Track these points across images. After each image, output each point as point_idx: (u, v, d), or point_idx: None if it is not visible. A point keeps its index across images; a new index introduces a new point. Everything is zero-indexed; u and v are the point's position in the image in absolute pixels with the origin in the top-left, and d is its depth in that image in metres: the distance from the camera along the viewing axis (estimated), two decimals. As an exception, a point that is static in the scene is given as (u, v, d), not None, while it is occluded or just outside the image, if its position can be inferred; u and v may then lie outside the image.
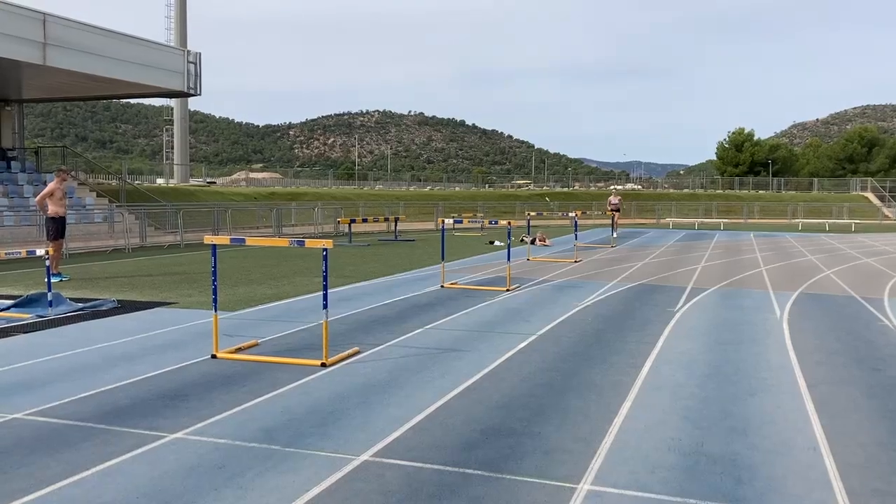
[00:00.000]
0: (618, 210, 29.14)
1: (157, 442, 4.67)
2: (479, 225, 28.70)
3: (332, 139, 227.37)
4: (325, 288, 6.82)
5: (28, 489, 3.92)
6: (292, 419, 5.14)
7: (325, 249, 6.68)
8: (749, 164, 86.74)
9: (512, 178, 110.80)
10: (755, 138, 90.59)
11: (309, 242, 7.06)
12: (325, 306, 6.84)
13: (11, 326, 8.59)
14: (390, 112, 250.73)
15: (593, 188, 73.43)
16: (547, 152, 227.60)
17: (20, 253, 11.71)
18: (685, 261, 17.60)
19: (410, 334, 8.17)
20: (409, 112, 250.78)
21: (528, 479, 4.09)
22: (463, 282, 12.85)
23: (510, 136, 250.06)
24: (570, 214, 20.37)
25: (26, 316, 9.17)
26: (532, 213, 23.68)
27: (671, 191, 74.46)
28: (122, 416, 5.20)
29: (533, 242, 21.52)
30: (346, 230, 25.59)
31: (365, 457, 4.42)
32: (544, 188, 76.68)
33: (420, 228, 32.52)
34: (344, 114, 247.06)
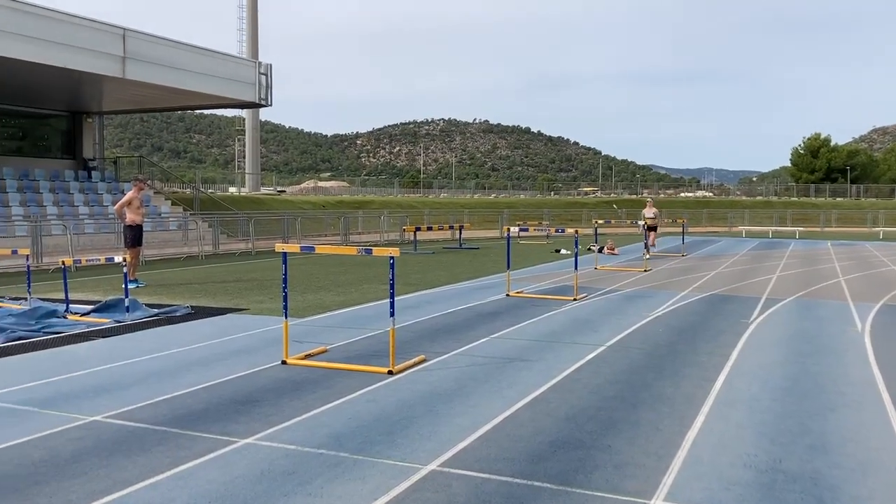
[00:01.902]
0: (654, 228, 22.89)
1: (229, 447, 4.75)
2: (544, 233, 28.45)
3: (397, 148, 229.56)
4: (392, 296, 6.84)
5: (107, 490, 4.03)
6: (360, 426, 5.16)
7: (392, 258, 6.71)
8: (826, 170, 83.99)
9: (578, 186, 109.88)
10: (832, 144, 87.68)
11: (376, 251, 7.11)
12: (392, 314, 6.86)
13: (91, 331, 8.90)
14: (455, 120, 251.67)
15: (663, 195, 72.17)
16: (614, 159, 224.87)
17: (99, 260, 12.14)
18: (759, 270, 17.09)
19: (476, 343, 8.14)
20: (474, 120, 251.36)
21: (599, 494, 4.00)
22: (529, 291, 12.75)
23: (576, 143, 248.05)
24: (639, 222, 20.04)
25: (105, 321, 9.49)
26: (599, 221, 23.40)
27: (744, 198, 72.61)
28: (195, 420, 5.31)
29: (601, 251, 21.24)
30: (412, 238, 25.75)
31: (432, 466, 4.40)
32: (612, 195, 75.75)
33: (485, 236, 32.47)
34: (409, 122, 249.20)
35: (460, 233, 27.26)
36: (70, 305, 10.31)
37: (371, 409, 5.59)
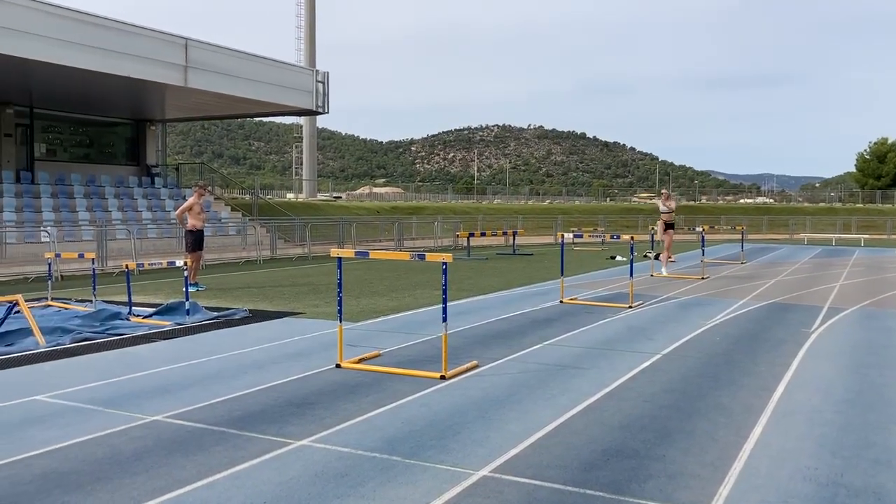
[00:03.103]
0: (671, 226, 19.68)
1: (284, 448, 4.83)
2: (599, 239, 28.21)
3: (451, 154, 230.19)
4: (445, 301, 6.87)
5: (166, 489, 4.15)
6: (413, 431, 5.20)
7: (445, 263, 6.74)
8: (893, 175, 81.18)
9: (634, 192, 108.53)
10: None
11: (429, 256, 7.15)
12: (445, 319, 6.89)
13: (152, 333, 9.16)
14: (509, 126, 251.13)
15: (721, 201, 70.79)
16: (671, 164, 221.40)
17: (161, 263, 12.48)
18: (822, 278, 16.63)
19: (529, 349, 8.11)
20: (529, 125, 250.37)
21: (652, 503, 3.96)
22: (583, 297, 12.65)
23: (632, 148, 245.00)
24: (697, 229, 19.71)
25: (166, 323, 9.75)
26: (655, 228, 23.07)
27: (806, 204, 70.71)
28: (252, 421, 5.42)
29: (657, 258, 20.95)
30: (465, 244, 25.80)
31: (484, 472, 4.41)
32: (668, 202, 74.50)
33: (539, 243, 32.32)
34: (464, 129, 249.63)
35: (514, 239, 27.19)
36: (133, 308, 10.62)
37: (423, 414, 5.62)
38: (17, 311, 8.94)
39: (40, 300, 11.78)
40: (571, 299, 12.26)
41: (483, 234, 28.70)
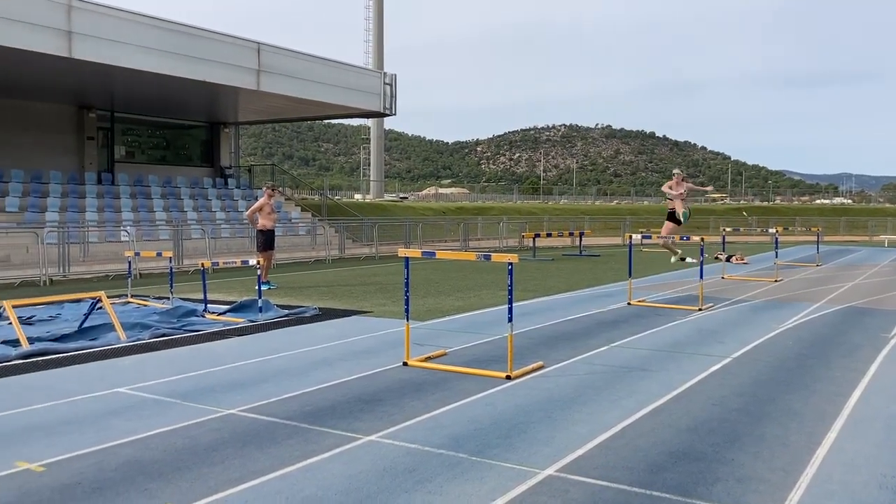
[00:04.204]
0: (674, 218, 18.02)
1: (353, 443, 4.96)
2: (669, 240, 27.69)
3: (517, 154, 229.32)
4: (511, 301, 6.91)
5: (242, 479, 4.31)
6: (479, 429, 5.26)
7: (511, 264, 6.78)
8: (982, 174, 77.36)
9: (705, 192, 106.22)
10: None
11: (495, 257, 7.20)
12: (510, 319, 6.93)
13: (226, 329, 9.46)
14: (577, 125, 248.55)
15: (796, 202, 68.73)
16: (744, 164, 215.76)
17: (235, 262, 12.85)
18: (903, 282, 16.00)
19: (595, 351, 8.08)
20: (596, 125, 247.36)
21: (720, 507, 3.92)
22: (651, 299, 12.49)
23: (704, 148, 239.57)
24: (770, 230, 19.18)
25: (239, 320, 10.05)
26: (727, 229, 22.59)
27: (887, 205, 68.06)
28: (322, 416, 5.57)
29: (728, 260, 20.50)
30: (530, 244, 25.73)
31: (549, 471, 4.44)
32: (741, 202, 72.81)
33: (606, 244, 31.98)
34: (530, 129, 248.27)
35: (580, 239, 26.98)
36: (208, 305, 10.98)
37: (489, 413, 5.67)
38: (100, 307, 9.35)
39: (121, 297, 12.28)
40: (639, 301, 12.13)
41: (549, 235, 28.56)
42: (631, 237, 13.37)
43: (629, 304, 11.89)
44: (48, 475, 4.38)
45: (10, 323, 8.31)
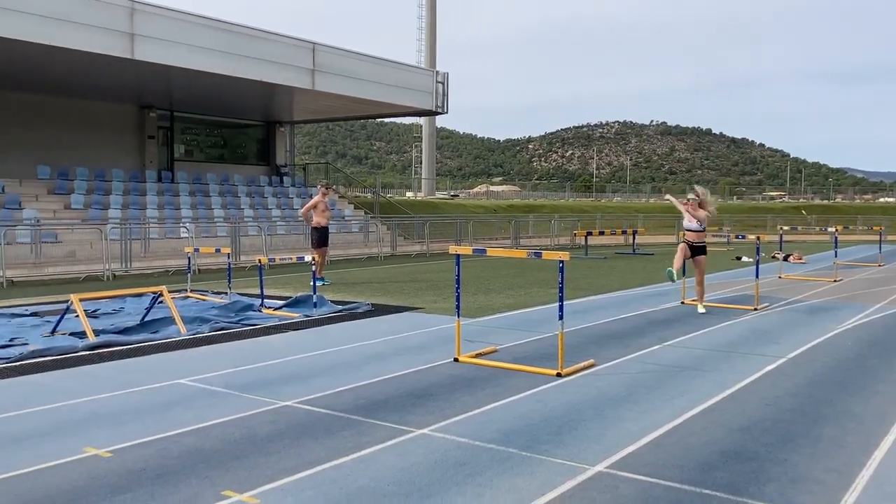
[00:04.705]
0: (701, 250, 11.03)
1: (405, 436, 5.05)
2: (724, 239, 27.23)
3: (570, 151, 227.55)
4: (561, 299, 6.93)
5: (296, 469, 4.44)
6: (529, 425, 5.30)
7: (562, 262, 6.80)
8: None
9: (763, 190, 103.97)
10: None
11: (546, 254, 7.22)
12: (561, 317, 6.95)
13: (282, 324, 9.67)
14: (631, 122, 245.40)
15: (858, 200, 66.77)
16: (804, 161, 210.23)
17: (290, 259, 13.10)
18: (970, 283, 15.47)
19: (647, 350, 8.04)
20: (651, 122, 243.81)
21: (772, 507, 3.90)
22: (705, 299, 12.32)
23: (762, 145, 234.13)
24: (830, 229, 18.71)
25: (295, 315, 10.26)
26: (785, 228, 22.11)
27: (955, 203, 65.53)
28: (375, 409, 5.69)
29: (786, 259, 20.08)
30: (582, 242, 25.58)
31: (599, 467, 4.46)
32: (800, 200, 71.07)
33: (660, 242, 31.58)
34: (583, 126, 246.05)
35: (633, 238, 26.71)
36: (265, 300, 11.23)
37: (539, 409, 5.71)
38: (161, 302, 9.65)
39: (180, 292, 12.63)
40: (693, 300, 11.98)
41: (601, 233, 28.34)
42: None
43: (682, 303, 11.77)
44: (114, 461, 4.57)
45: (77, 316, 8.64)
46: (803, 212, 48.16)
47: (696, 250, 11.05)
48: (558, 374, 6.76)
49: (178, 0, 19.58)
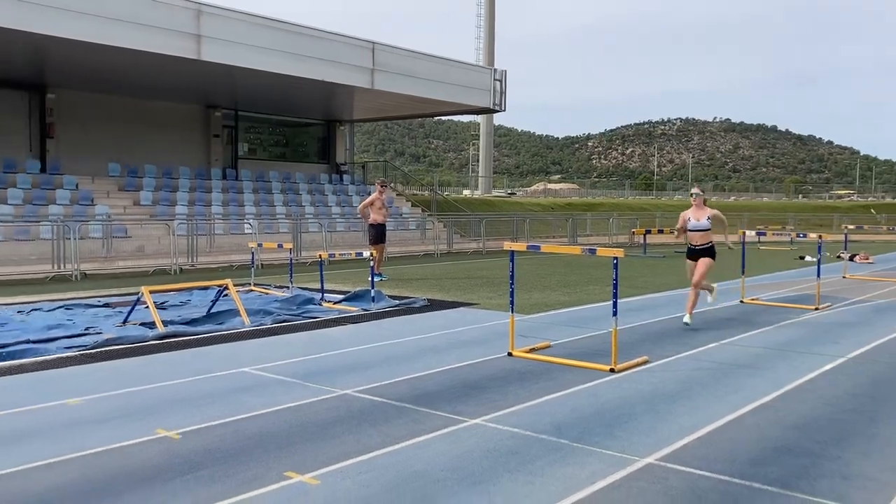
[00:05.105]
0: (708, 252, 10.12)
1: (459, 425, 5.20)
2: (787, 238, 26.63)
3: (630, 149, 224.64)
4: (615, 296, 6.98)
5: (354, 453, 4.63)
6: (581, 418, 5.40)
7: (616, 259, 6.85)
8: None
9: (831, 188, 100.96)
10: None
11: (600, 251, 7.28)
12: (615, 313, 7.00)
13: (341, 317, 9.93)
14: (693, 119, 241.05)
15: (932, 199, 64.30)
16: (875, 159, 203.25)
17: (349, 254, 13.39)
18: None
19: (703, 348, 8.02)
20: (714, 119, 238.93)
21: (822, 501, 3.92)
22: (765, 298, 12.18)
23: (830, 142, 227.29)
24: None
25: (353, 309, 10.52)
26: (850, 227, 21.56)
27: None
28: (429, 399, 5.85)
29: (852, 259, 19.58)
30: (641, 241, 25.34)
31: (649, 459, 4.53)
32: (869, 199, 68.81)
33: (719, 241, 31.05)
34: (644, 123, 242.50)
35: (693, 237, 26.30)
36: (325, 294, 11.52)
37: (592, 403, 5.80)
38: (226, 295, 10.01)
39: (244, 285, 13.04)
40: (753, 300, 11.85)
41: (661, 232, 28.00)
42: (744, 234, 13.05)
43: (742, 301, 11.65)
44: (184, 442, 4.83)
45: (147, 307, 9.04)
46: (872, 210, 46.66)
47: (701, 253, 10.05)
48: (612, 370, 6.82)
49: (241, 1, 20.15)
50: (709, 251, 10.12)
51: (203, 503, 3.87)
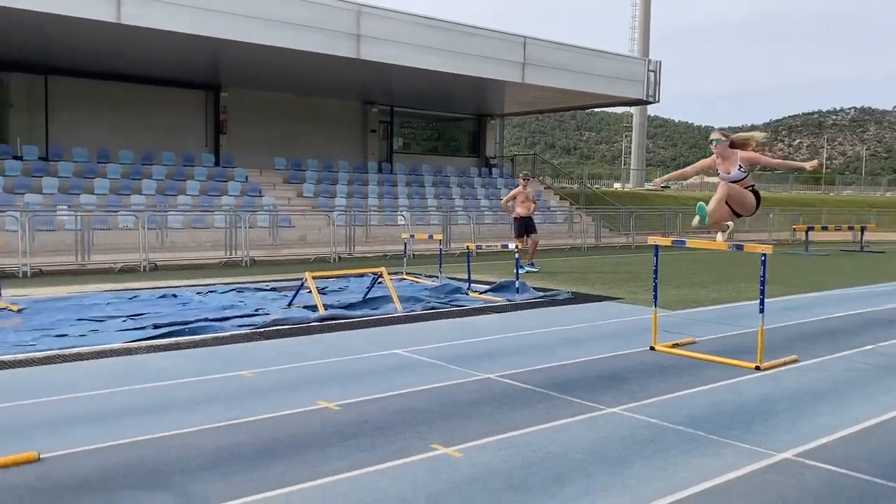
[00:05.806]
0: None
1: (595, 412, 5.39)
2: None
3: (797, 140, 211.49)
4: (762, 293, 6.88)
5: (495, 432, 4.94)
6: (719, 412, 5.44)
7: (764, 255, 6.76)
8: None
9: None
10: None
11: (748, 247, 7.18)
12: (762, 310, 6.90)
13: (487, 307, 10.29)
14: (869, 108, 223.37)
15: None
16: None
17: (496, 246, 13.74)
18: None
19: (858, 349, 7.72)
20: (894, 107, 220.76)
21: (970, 508, 3.82)
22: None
23: None
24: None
25: (498, 299, 10.86)
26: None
27: None
28: (568, 387, 6.07)
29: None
30: (803, 238, 24.07)
31: (786, 455, 4.55)
32: None
33: (892, 240, 28.91)
34: (813, 112, 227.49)
35: (862, 234, 24.72)
36: (471, 284, 11.93)
37: (732, 399, 5.80)
38: (381, 282, 10.63)
39: (396, 273, 13.70)
40: (921, 302, 11.13)
41: (824, 229, 26.45)
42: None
43: (909, 304, 10.98)
44: (342, 413, 5.33)
45: (310, 291, 9.79)
46: None
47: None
48: (757, 368, 6.75)
49: (397, 1, 20.97)
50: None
51: (360, 466, 4.31)
